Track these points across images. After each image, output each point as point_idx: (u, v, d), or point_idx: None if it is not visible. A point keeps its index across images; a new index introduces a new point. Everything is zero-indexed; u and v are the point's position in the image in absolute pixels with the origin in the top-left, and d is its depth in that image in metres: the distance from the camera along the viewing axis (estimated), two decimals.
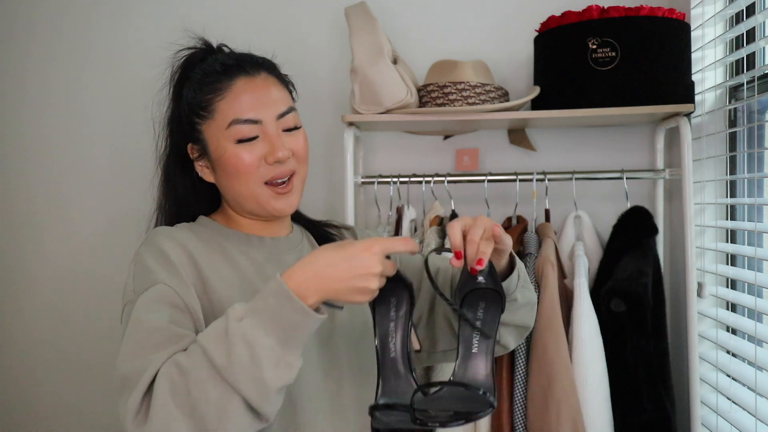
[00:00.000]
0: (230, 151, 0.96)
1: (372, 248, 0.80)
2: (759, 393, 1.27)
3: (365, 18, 1.50)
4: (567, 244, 1.55)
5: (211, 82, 0.98)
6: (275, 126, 0.98)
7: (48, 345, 1.88)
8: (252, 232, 1.04)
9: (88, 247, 1.87)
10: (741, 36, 1.47)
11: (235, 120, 0.96)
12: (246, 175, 0.97)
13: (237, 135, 0.96)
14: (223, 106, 0.97)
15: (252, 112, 0.96)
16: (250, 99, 0.97)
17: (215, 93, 0.97)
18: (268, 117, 0.97)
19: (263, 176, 0.97)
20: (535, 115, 1.52)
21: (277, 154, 0.96)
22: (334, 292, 0.79)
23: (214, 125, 0.98)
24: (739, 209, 1.52)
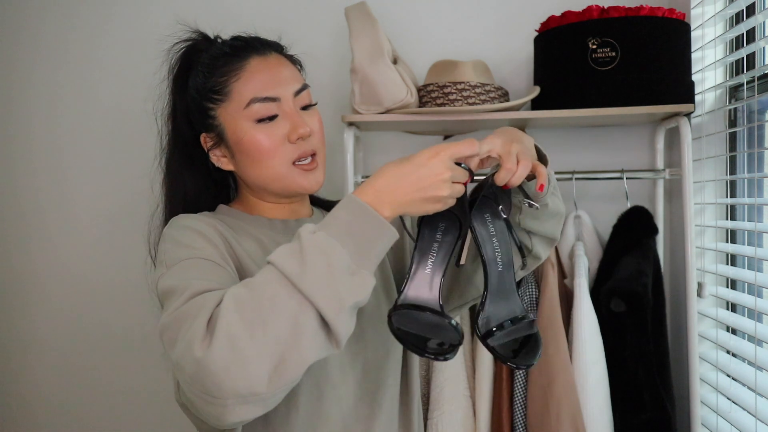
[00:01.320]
0: (250, 133, 0.94)
1: (438, 155, 0.80)
2: (759, 393, 1.27)
3: (365, 18, 1.50)
4: (567, 244, 1.55)
5: (223, 65, 0.96)
6: (293, 103, 0.96)
7: (55, 344, 1.89)
8: (275, 217, 1.02)
9: (95, 246, 1.87)
10: (741, 36, 1.47)
11: (254, 99, 0.93)
12: (270, 156, 0.94)
13: (256, 114, 0.93)
14: (239, 86, 0.94)
15: (270, 89, 0.94)
16: (267, 77, 0.95)
17: (229, 74, 0.95)
18: (286, 94, 0.96)
19: (289, 156, 0.95)
20: (535, 115, 1.52)
21: (299, 131, 0.94)
22: (407, 204, 0.78)
23: (230, 107, 0.95)
24: (739, 209, 1.52)
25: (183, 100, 1.01)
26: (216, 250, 0.87)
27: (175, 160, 1.03)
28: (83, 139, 1.87)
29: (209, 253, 0.86)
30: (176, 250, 0.86)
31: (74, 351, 1.88)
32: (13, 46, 1.88)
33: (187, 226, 0.91)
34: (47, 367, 1.89)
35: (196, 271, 0.82)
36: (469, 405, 1.40)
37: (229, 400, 0.68)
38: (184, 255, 0.85)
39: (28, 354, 1.90)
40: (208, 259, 0.85)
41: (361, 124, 1.61)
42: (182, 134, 1.02)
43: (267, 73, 0.95)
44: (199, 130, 1.00)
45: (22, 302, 1.90)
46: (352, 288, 0.73)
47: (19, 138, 1.89)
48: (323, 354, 0.73)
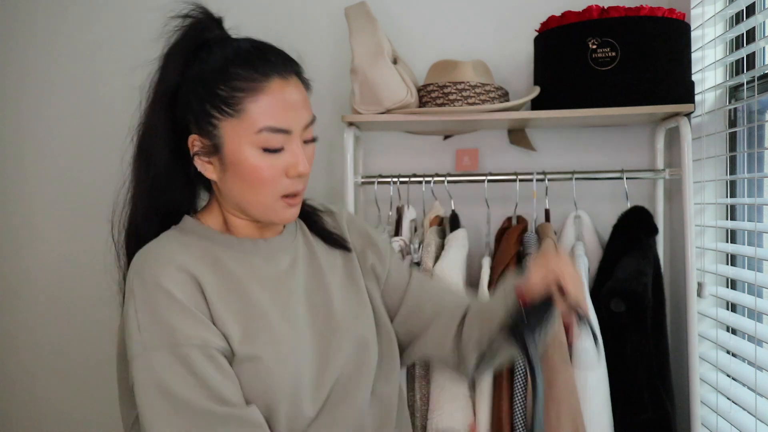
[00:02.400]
0: (252, 160, 0.89)
1: None
2: (759, 393, 1.27)
3: (365, 18, 1.50)
4: (567, 244, 1.54)
5: (240, 78, 0.89)
6: (300, 137, 0.93)
7: (45, 345, 1.89)
8: (245, 235, 0.99)
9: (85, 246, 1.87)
10: (741, 36, 1.47)
11: (267, 127, 0.89)
12: (264, 186, 0.91)
13: (265, 143, 0.89)
14: (254, 108, 0.89)
15: (284, 121, 0.90)
16: (285, 106, 0.90)
17: (246, 91, 0.89)
18: (297, 127, 0.92)
19: (282, 190, 0.93)
20: (535, 115, 1.52)
21: (300, 169, 0.91)
22: None
23: (239, 126, 0.89)
24: (739, 209, 1.52)
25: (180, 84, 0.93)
26: (195, 317, 0.85)
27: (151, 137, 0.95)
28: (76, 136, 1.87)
29: (185, 335, 0.84)
30: (152, 329, 0.84)
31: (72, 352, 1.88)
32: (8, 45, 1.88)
33: (157, 284, 0.85)
34: (40, 369, 1.89)
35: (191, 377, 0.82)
36: (469, 405, 1.40)
37: None
38: (162, 339, 0.83)
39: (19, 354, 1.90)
40: (187, 344, 0.83)
41: (361, 124, 1.61)
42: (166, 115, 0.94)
43: (285, 101, 0.90)
44: (191, 129, 0.93)
45: (10, 302, 1.90)
46: None
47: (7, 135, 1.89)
48: None
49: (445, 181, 1.58)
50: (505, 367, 1.39)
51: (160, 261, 0.88)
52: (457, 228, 1.55)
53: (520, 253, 1.51)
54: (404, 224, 1.61)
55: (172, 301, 0.85)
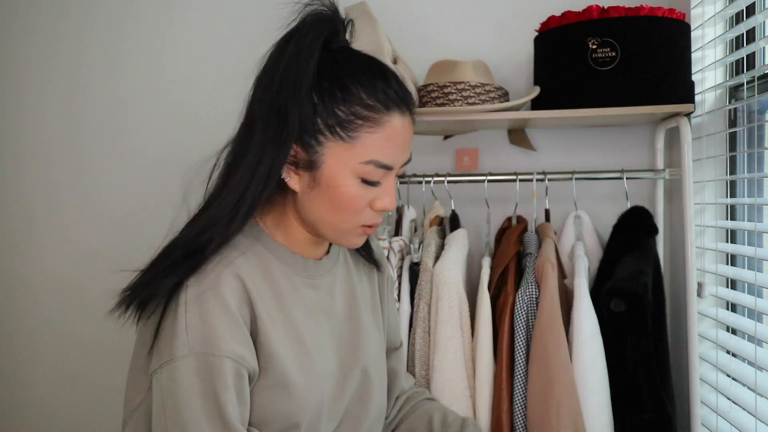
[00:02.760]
0: (349, 186, 0.86)
1: None
2: (759, 393, 1.27)
3: (365, 18, 1.50)
4: (567, 244, 1.54)
5: (364, 105, 0.85)
6: (396, 174, 0.91)
7: (62, 336, 1.89)
8: (301, 251, 0.95)
9: (85, 250, 1.87)
10: (741, 36, 1.47)
11: (375, 161, 0.86)
12: (351, 214, 0.88)
13: (367, 175, 0.87)
14: (369, 140, 0.85)
15: (392, 158, 0.88)
16: (398, 145, 0.88)
17: (366, 121, 0.85)
18: (398, 164, 0.90)
19: (363, 219, 0.90)
20: (535, 115, 1.52)
21: (388, 205, 0.89)
22: None
23: (347, 152, 0.85)
24: (739, 209, 1.52)
25: (302, 85, 0.84)
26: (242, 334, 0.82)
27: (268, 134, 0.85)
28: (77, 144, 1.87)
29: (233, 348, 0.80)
30: (205, 333, 0.79)
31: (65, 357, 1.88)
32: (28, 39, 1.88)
33: (221, 294, 0.81)
34: (39, 371, 1.89)
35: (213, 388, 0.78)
36: (469, 405, 1.40)
37: None
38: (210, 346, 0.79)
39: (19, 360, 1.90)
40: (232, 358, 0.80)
41: None
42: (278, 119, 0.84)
43: (398, 140, 0.88)
44: (293, 136, 0.85)
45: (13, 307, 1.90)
46: None
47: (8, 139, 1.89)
48: None
49: (445, 181, 1.58)
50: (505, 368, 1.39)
51: (229, 272, 0.84)
52: (457, 228, 1.55)
53: (520, 253, 1.51)
54: (404, 224, 1.61)
55: (225, 309, 0.81)
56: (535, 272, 1.42)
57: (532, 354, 1.37)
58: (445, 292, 1.40)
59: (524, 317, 1.40)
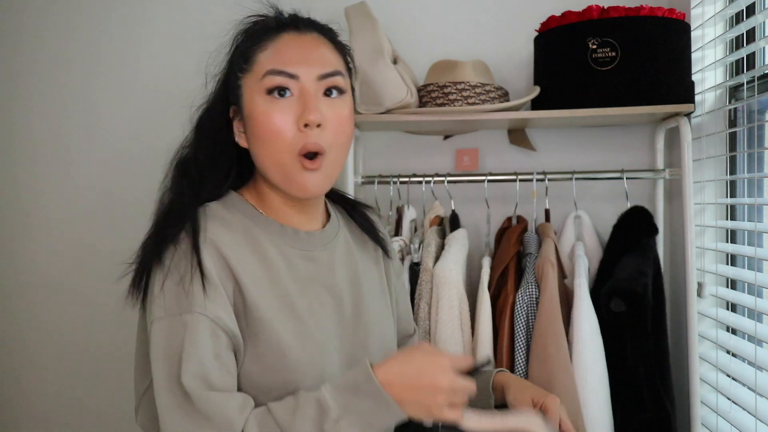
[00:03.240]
0: (261, 107, 0.89)
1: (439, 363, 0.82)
2: (759, 393, 1.27)
3: (365, 18, 1.50)
4: (567, 244, 1.54)
5: (258, 34, 0.92)
6: (315, 87, 0.90)
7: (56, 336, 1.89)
8: (288, 222, 0.96)
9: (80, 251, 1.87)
10: (741, 36, 1.47)
11: (271, 70, 0.89)
12: (275, 137, 0.88)
13: (268, 84, 0.88)
14: (262, 57, 0.90)
15: (290, 65, 0.89)
16: (291, 52, 0.90)
17: (258, 43, 0.91)
18: (306, 75, 0.89)
19: (295, 144, 0.88)
20: (535, 115, 1.52)
21: (309, 116, 0.87)
22: (410, 398, 0.81)
23: (251, 78, 0.90)
24: (739, 209, 1.52)
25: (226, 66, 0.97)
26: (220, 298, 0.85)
27: (207, 118, 0.97)
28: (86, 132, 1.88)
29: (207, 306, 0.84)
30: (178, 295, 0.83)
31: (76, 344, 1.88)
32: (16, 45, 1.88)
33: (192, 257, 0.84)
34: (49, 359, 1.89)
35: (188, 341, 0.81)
36: None
37: None
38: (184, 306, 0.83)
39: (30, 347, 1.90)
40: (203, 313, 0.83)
41: (361, 124, 1.61)
42: (219, 97, 0.97)
43: (294, 49, 0.91)
44: (231, 100, 0.95)
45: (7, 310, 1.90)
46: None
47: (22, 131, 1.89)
48: None
49: (445, 181, 1.58)
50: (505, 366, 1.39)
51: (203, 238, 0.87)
52: (457, 228, 1.55)
53: (520, 253, 1.51)
54: (404, 224, 1.61)
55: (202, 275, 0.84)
56: (535, 272, 1.42)
57: (532, 354, 1.37)
58: (445, 292, 1.40)
59: (524, 317, 1.40)
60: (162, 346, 0.83)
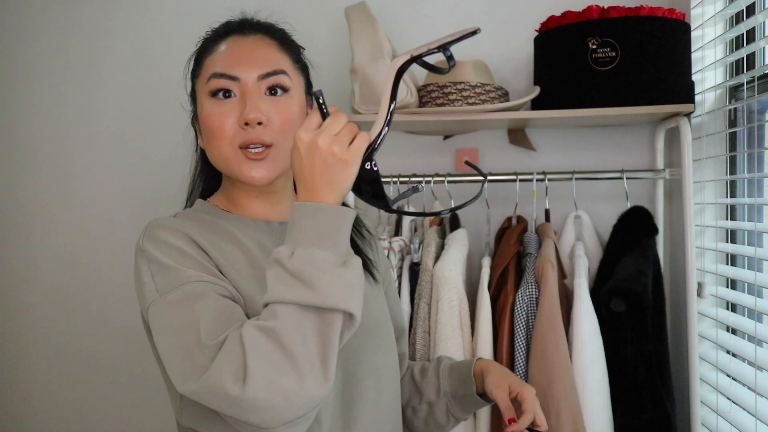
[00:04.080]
0: (206, 109, 0.93)
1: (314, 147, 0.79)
2: (759, 393, 1.27)
3: (365, 18, 1.50)
4: (567, 244, 1.55)
5: (209, 40, 0.98)
6: (256, 87, 0.92)
7: (54, 338, 1.89)
8: (255, 214, 0.99)
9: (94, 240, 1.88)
10: (741, 36, 1.47)
11: (214, 73, 0.93)
12: (218, 136, 0.92)
13: (212, 87, 0.93)
14: (208, 61, 0.95)
15: (231, 68, 0.92)
16: (232, 54, 0.94)
17: (207, 50, 0.96)
18: (247, 76, 0.92)
19: (236, 139, 0.92)
20: (535, 115, 1.52)
21: (248, 116, 0.90)
22: (336, 185, 0.80)
23: (200, 82, 0.96)
24: (739, 209, 1.52)
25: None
26: (201, 266, 0.86)
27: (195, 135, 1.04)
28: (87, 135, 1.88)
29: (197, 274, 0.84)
30: (165, 274, 0.84)
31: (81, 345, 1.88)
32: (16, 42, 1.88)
33: (165, 241, 0.87)
34: (46, 361, 1.89)
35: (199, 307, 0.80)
36: None
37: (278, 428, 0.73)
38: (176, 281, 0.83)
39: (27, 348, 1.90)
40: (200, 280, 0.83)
41: (361, 124, 1.61)
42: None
43: (234, 51, 0.94)
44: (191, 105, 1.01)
45: (21, 298, 1.90)
46: (352, 275, 0.77)
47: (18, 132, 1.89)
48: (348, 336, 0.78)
49: (445, 181, 1.58)
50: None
51: (164, 228, 0.90)
52: (457, 228, 1.55)
53: (520, 253, 1.51)
54: (404, 224, 1.61)
55: (181, 252, 0.86)
56: (535, 272, 1.42)
57: (532, 354, 1.37)
58: (445, 292, 1.40)
59: (524, 317, 1.40)
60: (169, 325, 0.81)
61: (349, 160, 0.80)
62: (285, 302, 0.74)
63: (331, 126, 0.81)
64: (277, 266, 0.76)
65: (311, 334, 0.74)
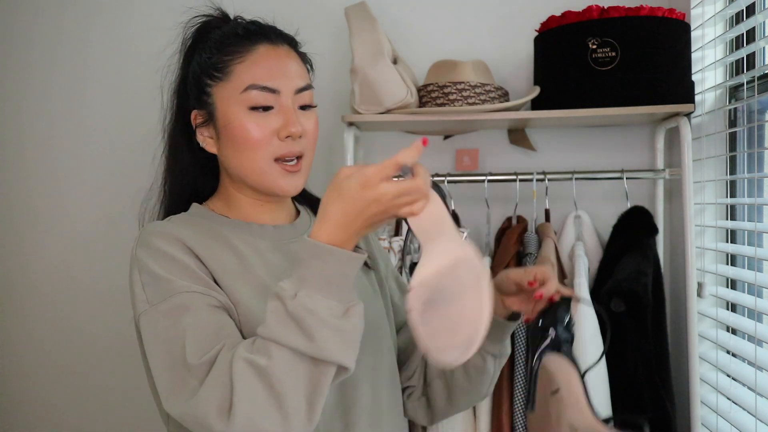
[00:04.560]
0: (241, 119, 0.91)
1: (370, 185, 0.75)
2: (759, 393, 1.27)
3: (365, 18, 1.50)
4: (567, 244, 1.55)
5: (231, 44, 0.93)
6: (292, 100, 0.93)
7: (47, 344, 1.88)
8: (253, 218, 0.98)
9: (87, 245, 1.87)
10: (741, 36, 1.47)
11: (253, 85, 0.91)
12: (255, 148, 0.91)
13: (252, 101, 0.91)
14: (241, 68, 0.92)
15: (272, 80, 0.92)
16: (272, 66, 0.92)
17: (234, 55, 0.93)
18: (286, 89, 0.93)
19: (274, 152, 0.92)
20: (535, 115, 1.52)
21: (291, 129, 0.91)
22: (366, 229, 0.77)
23: (227, 88, 0.92)
24: (739, 209, 1.52)
25: (185, 73, 0.99)
26: (193, 275, 0.86)
27: (175, 133, 1.00)
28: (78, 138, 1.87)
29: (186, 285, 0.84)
30: (155, 284, 0.85)
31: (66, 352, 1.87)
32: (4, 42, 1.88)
33: (157, 248, 0.87)
34: (39, 368, 1.89)
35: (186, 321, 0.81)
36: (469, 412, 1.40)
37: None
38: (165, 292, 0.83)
39: (20, 355, 1.89)
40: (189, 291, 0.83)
41: (361, 124, 1.61)
42: (182, 107, 1.00)
43: (273, 62, 0.93)
44: (193, 105, 0.97)
45: (14, 303, 1.90)
46: (353, 327, 0.76)
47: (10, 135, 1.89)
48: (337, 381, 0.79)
49: (445, 181, 1.58)
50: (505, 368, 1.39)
51: (158, 234, 0.90)
52: (458, 228, 1.55)
53: (520, 253, 1.51)
54: (404, 224, 1.61)
55: (173, 261, 0.86)
56: None
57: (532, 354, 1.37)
58: None
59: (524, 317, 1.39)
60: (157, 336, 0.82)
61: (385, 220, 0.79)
62: (280, 344, 0.74)
63: (407, 191, 0.79)
64: (278, 302, 0.76)
65: (302, 379, 0.74)
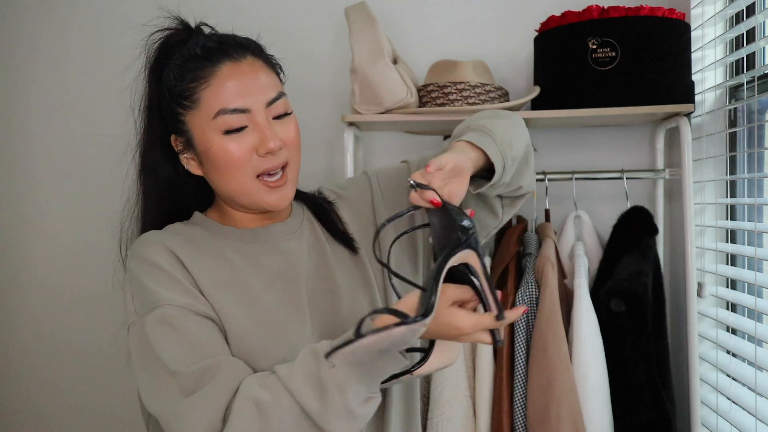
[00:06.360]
0: (217, 144, 0.91)
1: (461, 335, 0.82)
2: (759, 393, 1.27)
3: (365, 18, 1.50)
4: (567, 244, 1.55)
5: (193, 69, 0.91)
6: (265, 114, 0.92)
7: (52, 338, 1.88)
8: (247, 226, 1.00)
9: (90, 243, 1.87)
10: (741, 36, 1.47)
11: (222, 110, 0.90)
12: (236, 169, 0.91)
13: (224, 126, 0.90)
14: (207, 95, 0.91)
15: (239, 100, 0.90)
16: (237, 86, 0.91)
17: (198, 81, 0.91)
18: (256, 105, 0.91)
19: (255, 169, 0.92)
20: (535, 115, 1.52)
21: (269, 145, 0.90)
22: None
23: (198, 116, 0.91)
24: (739, 209, 1.52)
25: (157, 95, 0.97)
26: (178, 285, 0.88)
27: (150, 152, 0.99)
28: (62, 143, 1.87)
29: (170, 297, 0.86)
30: (141, 295, 0.87)
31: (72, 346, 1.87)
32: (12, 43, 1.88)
33: (146, 258, 0.90)
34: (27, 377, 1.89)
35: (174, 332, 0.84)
36: (469, 405, 1.40)
37: None
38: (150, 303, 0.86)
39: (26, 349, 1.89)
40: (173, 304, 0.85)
41: (361, 124, 1.61)
42: (157, 128, 0.98)
43: (238, 82, 0.91)
44: (171, 129, 0.97)
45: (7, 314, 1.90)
46: (365, 416, 0.79)
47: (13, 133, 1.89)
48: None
49: None
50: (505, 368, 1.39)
51: (149, 242, 0.93)
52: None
53: (520, 253, 1.51)
54: None
55: (159, 271, 0.89)
56: (535, 272, 1.42)
57: (532, 354, 1.37)
58: None
59: (524, 317, 1.40)
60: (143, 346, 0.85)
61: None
62: (294, 397, 0.76)
63: (480, 340, 0.83)
64: (313, 359, 0.77)
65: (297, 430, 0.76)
